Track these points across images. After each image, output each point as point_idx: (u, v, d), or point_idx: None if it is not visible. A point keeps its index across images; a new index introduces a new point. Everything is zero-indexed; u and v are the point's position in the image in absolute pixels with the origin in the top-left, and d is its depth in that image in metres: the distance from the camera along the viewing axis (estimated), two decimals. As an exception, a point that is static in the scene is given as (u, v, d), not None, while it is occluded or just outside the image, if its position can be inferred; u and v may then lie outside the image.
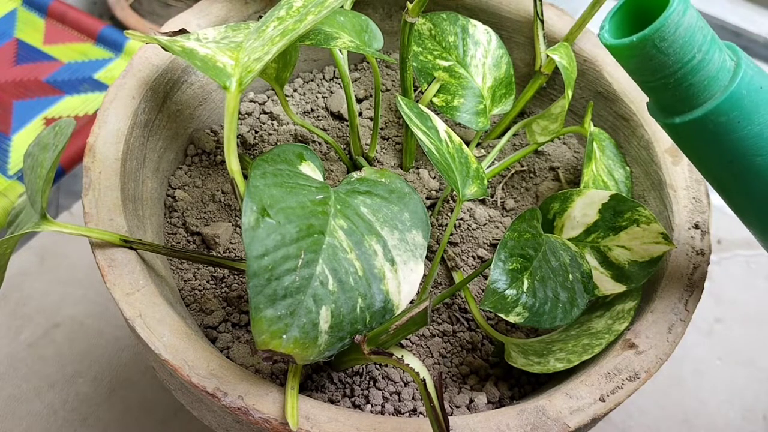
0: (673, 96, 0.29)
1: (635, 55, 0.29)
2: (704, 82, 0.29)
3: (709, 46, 0.28)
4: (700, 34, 0.28)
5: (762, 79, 0.29)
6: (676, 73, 0.28)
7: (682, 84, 0.29)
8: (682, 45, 0.28)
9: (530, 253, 0.37)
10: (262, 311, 0.28)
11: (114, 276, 0.35)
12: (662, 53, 0.28)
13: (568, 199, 0.41)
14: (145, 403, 0.54)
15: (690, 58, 0.28)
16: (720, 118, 0.29)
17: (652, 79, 0.29)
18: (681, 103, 0.29)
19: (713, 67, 0.28)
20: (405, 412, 0.37)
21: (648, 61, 0.28)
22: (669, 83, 0.29)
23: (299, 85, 0.51)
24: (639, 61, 0.29)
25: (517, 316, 0.35)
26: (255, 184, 0.29)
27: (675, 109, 0.30)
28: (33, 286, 0.60)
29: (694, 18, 0.28)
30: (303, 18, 0.33)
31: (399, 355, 0.30)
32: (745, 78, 0.29)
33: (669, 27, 0.27)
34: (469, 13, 0.50)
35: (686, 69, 0.28)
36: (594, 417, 0.33)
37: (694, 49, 0.28)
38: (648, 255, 0.39)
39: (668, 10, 0.27)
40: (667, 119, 0.31)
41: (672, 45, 0.28)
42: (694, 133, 0.30)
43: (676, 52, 0.28)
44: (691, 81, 0.29)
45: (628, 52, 0.29)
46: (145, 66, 0.42)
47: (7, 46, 0.79)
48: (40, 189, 0.34)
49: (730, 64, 0.29)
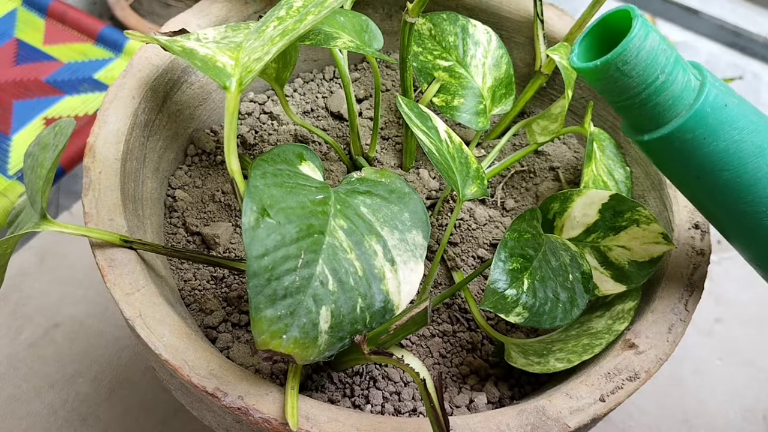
0: (641, 115, 0.31)
1: (601, 78, 0.30)
2: (669, 101, 0.30)
3: (672, 68, 0.30)
4: (663, 56, 0.29)
5: (727, 97, 0.30)
6: (641, 93, 0.30)
7: (647, 104, 0.30)
8: (644, 67, 0.29)
9: (530, 253, 0.37)
10: (262, 311, 0.28)
11: (114, 276, 0.35)
12: (626, 75, 0.29)
13: (568, 199, 0.41)
14: (145, 403, 0.54)
15: (653, 80, 0.29)
16: (686, 136, 0.30)
17: (620, 100, 0.31)
18: (648, 122, 0.31)
19: (677, 87, 0.30)
20: (405, 412, 0.37)
21: (613, 83, 0.30)
22: (635, 103, 0.30)
23: (299, 85, 0.51)
24: (605, 83, 0.30)
25: (517, 317, 0.35)
26: (255, 184, 0.29)
27: (643, 127, 0.31)
28: (33, 286, 0.60)
29: (656, 41, 0.29)
30: (303, 18, 0.33)
31: (399, 355, 0.30)
32: (710, 96, 0.30)
33: (630, 51, 0.29)
34: (469, 13, 0.50)
35: (650, 89, 0.30)
36: (594, 417, 0.33)
37: (657, 70, 0.29)
38: (648, 255, 0.39)
39: (629, 35, 0.29)
40: (637, 137, 0.32)
41: (635, 68, 0.29)
42: (663, 149, 0.31)
43: (640, 74, 0.29)
44: (656, 101, 0.30)
45: (594, 75, 0.30)
46: (145, 66, 0.42)
47: (7, 46, 0.79)
48: (40, 189, 0.34)
49: (695, 83, 0.30)
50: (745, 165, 0.30)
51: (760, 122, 0.31)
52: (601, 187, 0.43)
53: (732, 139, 0.30)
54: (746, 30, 0.93)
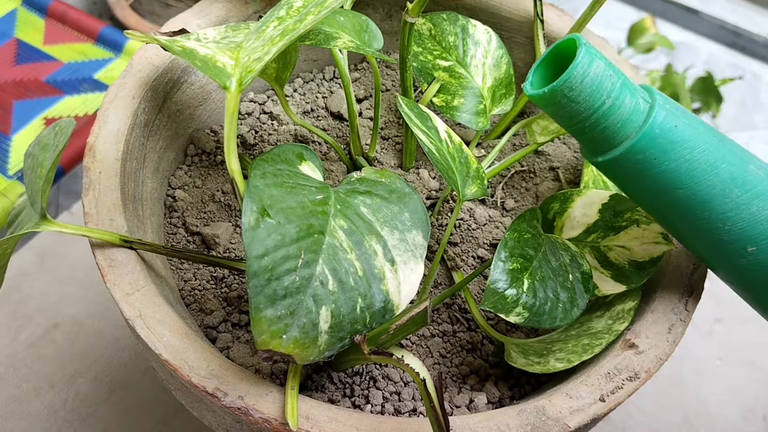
0: (592, 138, 0.32)
1: (550, 104, 0.31)
2: (618, 124, 0.31)
3: (619, 92, 0.31)
4: (609, 81, 0.31)
5: (676, 119, 0.31)
6: (590, 118, 0.31)
7: (597, 127, 0.31)
8: (590, 93, 0.30)
9: (530, 253, 0.37)
10: (262, 311, 0.28)
11: (114, 276, 0.35)
12: (573, 101, 0.31)
13: (568, 199, 0.41)
14: (145, 403, 0.54)
15: (600, 105, 0.31)
16: (637, 156, 0.31)
17: (571, 124, 0.32)
18: (600, 144, 0.32)
19: (625, 111, 0.31)
20: (405, 412, 0.37)
21: (562, 108, 0.31)
22: (585, 127, 0.31)
23: (299, 85, 0.51)
24: (555, 108, 0.31)
25: (517, 317, 0.35)
26: (255, 184, 0.29)
27: (596, 149, 0.32)
28: (33, 286, 0.60)
29: (600, 68, 0.30)
30: (303, 18, 0.33)
31: (399, 355, 0.30)
32: (658, 118, 0.31)
33: (575, 78, 0.30)
34: (469, 13, 0.50)
35: (598, 114, 0.31)
36: (594, 417, 0.33)
37: (603, 96, 0.31)
38: (648, 255, 0.39)
39: (573, 64, 0.30)
40: (592, 158, 0.33)
41: (580, 94, 0.30)
42: (617, 170, 0.33)
43: (586, 99, 0.31)
44: (605, 124, 0.31)
45: (543, 101, 0.31)
46: (145, 66, 0.42)
47: (7, 46, 0.79)
48: (40, 189, 0.34)
49: (644, 106, 0.31)
50: (699, 183, 0.32)
51: (713, 141, 0.32)
52: (601, 187, 0.43)
53: (683, 158, 0.31)
54: (746, 30, 0.93)
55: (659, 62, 1.33)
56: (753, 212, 0.32)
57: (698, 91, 1.13)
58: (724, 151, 0.32)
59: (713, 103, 1.13)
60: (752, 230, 0.32)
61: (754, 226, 0.32)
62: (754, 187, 0.32)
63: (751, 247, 0.32)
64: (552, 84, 0.31)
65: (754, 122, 1.22)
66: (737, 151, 0.32)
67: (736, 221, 0.32)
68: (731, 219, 0.32)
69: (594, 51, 0.31)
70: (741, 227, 0.32)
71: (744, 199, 0.32)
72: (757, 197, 0.32)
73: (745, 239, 0.32)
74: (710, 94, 1.12)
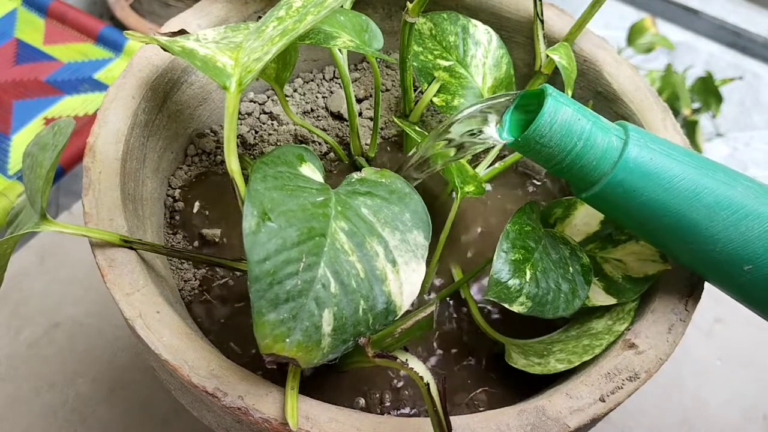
0: (572, 177, 0.33)
1: (527, 149, 0.33)
2: (593, 162, 0.32)
3: (589, 134, 0.32)
4: (578, 125, 0.32)
5: (651, 152, 0.32)
6: (565, 159, 0.32)
7: (574, 167, 0.33)
8: (561, 138, 0.32)
9: (531, 245, 0.37)
10: (264, 315, 0.27)
11: (114, 276, 0.35)
12: (546, 146, 0.32)
13: (572, 206, 0.41)
14: (145, 403, 0.54)
15: (572, 147, 0.32)
16: (616, 190, 0.33)
17: (550, 165, 0.33)
18: (582, 181, 0.33)
19: (598, 150, 0.32)
20: (405, 412, 0.37)
21: (538, 152, 0.33)
22: (563, 167, 0.33)
23: (299, 85, 0.51)
24: (532, 153, 0.33)
25: (520, 306, 0.35)
26: (255, 188, 0.29)
27: (579, 185, 0.34)
28: (33, 286, 0.60)
29: (568, 114, 0.32)
30: (302, 18, 0.33)
31: (403, 358, 0.30)
32: (632, 153, 0.32)
33: (543, 126, 0.32)
34: (470, 13, 0.50)
35: (572, 155, 0.32)
36: (594, 417, 0.33)
37: (574, 139, 0.32)
38: (642, 272, 0.39)
39: (540, 114, 0.32)
40: (578, 194, 0.35)
41: (551, 139, 0.32)
42: (602, 203, 0.34)
43: (558, 143, 0.32)
44: (580, 164, 0.32)
45: (519, 147, 0.33)
46: (145, 66, 0.42)
47: (7, 46, 0.79)
48: (39, 189, 0.34)
49: (617, 143, 0.33)
50: (682, 209, 0.32)
51: (690, 167, 0.33)
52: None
53: (662, 188, 0.32)
54: (746, 30, 0.93)
55: (659, 62, 1.33)
56: (743, 232, 0.32)
57: (698, 91, 1.13)
58: (705, 177, 0.32)
59: (713, 103, 1.13)
60: (745, 250, 0.33)
61: (746, 245, 0.32)
62: (741, 207, 0.32)
63: (747, 266, 0.33)
64: (524, 134, 0.32)
65: (754, 122, 1.22)
66: (721, 174, 0.33)
67: (727, 242, 0.33)
68: (721, 240, 0.33)
69: (562, 99, 0.32)
70: (733, 248, 0.33)
71: (732, 220, 0.32)
72: (746, 217, 0.32)
73: (739, 259, 0.33)
74: (710, 94, 1.12)
